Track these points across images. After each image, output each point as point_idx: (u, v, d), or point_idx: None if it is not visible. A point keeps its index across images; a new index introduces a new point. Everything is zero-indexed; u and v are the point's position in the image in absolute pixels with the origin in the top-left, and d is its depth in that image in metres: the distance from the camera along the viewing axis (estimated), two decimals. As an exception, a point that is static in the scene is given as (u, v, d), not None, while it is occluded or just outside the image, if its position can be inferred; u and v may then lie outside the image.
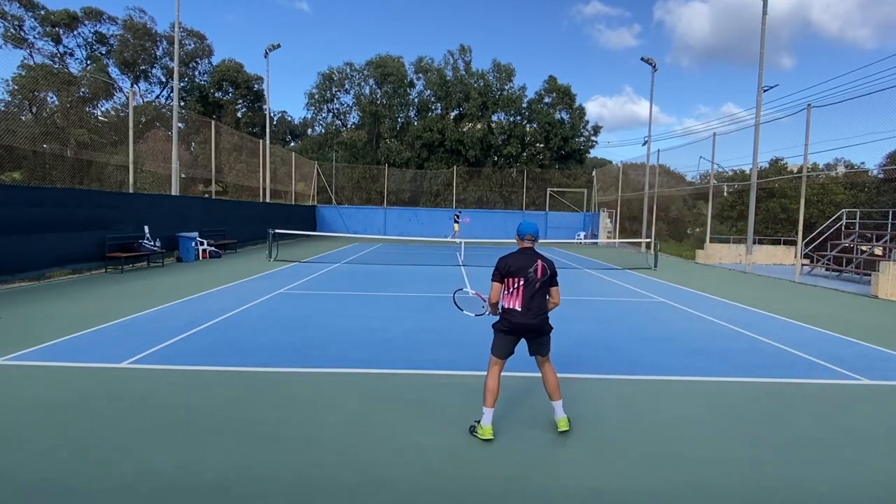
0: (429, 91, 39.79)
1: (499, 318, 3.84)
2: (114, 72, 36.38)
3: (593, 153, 44.57)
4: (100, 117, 28.96)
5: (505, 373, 3.96)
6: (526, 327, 3.74)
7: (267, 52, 26.42)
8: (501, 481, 3.22)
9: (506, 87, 39.37)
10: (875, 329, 8.24)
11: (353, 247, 22.84)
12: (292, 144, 46.95)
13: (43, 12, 32.87)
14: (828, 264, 16.92)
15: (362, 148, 39.75)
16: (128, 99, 19.21)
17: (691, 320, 8.49)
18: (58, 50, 34.63)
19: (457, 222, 28.35)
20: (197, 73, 39.98)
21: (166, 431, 3.77)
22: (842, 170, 29.24)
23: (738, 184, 25.70)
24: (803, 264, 16.37)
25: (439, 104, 39.94)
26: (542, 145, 39.85)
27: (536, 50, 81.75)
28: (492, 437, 3.68)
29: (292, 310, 8.36)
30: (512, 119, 39.59)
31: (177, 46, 19.83)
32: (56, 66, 32.11)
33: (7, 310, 7.72)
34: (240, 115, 41.26)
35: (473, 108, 37.86)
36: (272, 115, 44.12)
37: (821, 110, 14.71)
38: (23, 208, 10.42)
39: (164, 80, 38.88)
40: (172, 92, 27.11)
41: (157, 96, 39.46)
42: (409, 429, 3.91)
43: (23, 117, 23.76)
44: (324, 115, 42.28)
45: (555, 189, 35.52)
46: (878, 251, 16.11)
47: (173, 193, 17.50)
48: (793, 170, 23.27)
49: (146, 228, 13.96)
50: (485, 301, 4.21)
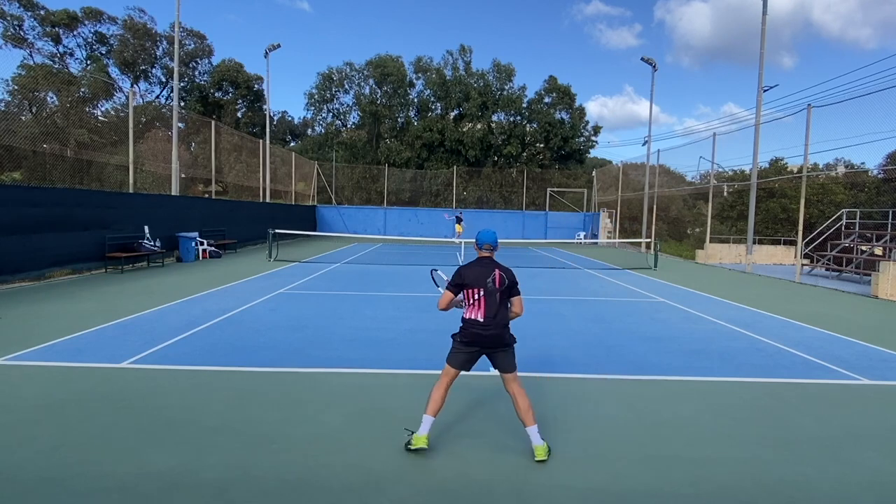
0: (428, 91, 39.77)
1: (459, 328, 3.74)
2: (114, 72, 36.41)
3: (593, 153, 44.60)
4: (100, 117, 29.01)
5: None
6: (485, 338, 3.61)
7: (267, 52, 26.42)
8: (501, 481, 3.22)
9: (506, 87, 39.35)
10: (875, 329, 8.24)
11: (353, 247, 22.84)
12: (292, 144, 46.91)
13: (43, 12, 32.88)
14: (828, 264, 16.94)
15: (362, 148, 39.74)
16: (128, 99, 19.23)
17: (691, 320, 8.49)
18: (58, 50, 34.65)
19: (458, 223, 28.41)
20: (197, 73, 39.97)
21: (166, 431, 3.77)
22: (842, 170, 29.26)
23: (738, 184, 25.72)
24: (803, 264, 16.37)
25: (439, 104, 39.91)
26: (542, 145, 39.85)
27: (536, 50, 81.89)
28: (425, 447, 3.47)
29: (292, 310, 8.36)
30: (512, 119, 39.57)
31: (177, 46, 19.82)
32: (56, 66, 32.09)
33: (7, 310, 7.72)
34: (240, 115, 41.26)
35: (473, 108, 37.83)
36: (272, 115, 44.14)
37: (821, 110, 14.72)
38: (23, 208, 10.42)
39: (164, 80, 38.90)
40: (172, 92, 27.13)
41: (157, 96, 39.50)
42: (409, 429, 3.90)
43: (23, 117, 23.76)
44: (324, 115, 42.26)
45: (555, 189, 35.51)
46: (878, 251, 16.13)
47: (173, 193, 17.49)
48: (793, 170, 23.27)
49: (146, 228, 13.96)
50: None
